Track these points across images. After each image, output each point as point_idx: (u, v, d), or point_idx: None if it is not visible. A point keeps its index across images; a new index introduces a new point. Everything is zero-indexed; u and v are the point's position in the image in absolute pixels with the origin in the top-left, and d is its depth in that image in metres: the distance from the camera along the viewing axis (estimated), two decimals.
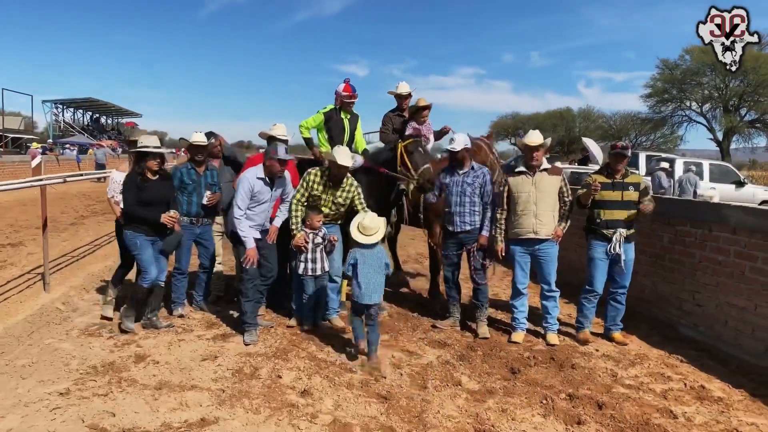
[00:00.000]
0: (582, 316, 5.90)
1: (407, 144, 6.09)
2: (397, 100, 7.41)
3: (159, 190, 5.61)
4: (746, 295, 5.38)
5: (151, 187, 5.55)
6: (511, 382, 4.76)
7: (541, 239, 5.70)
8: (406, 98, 7.33)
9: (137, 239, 5.54)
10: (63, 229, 12.58)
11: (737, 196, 16.54)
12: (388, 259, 5.35)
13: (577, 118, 61.86)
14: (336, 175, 5.68)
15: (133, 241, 5.56)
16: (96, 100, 59.83)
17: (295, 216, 5.71)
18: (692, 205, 6.34)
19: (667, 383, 4.83)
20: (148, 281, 5.57)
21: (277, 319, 6.24)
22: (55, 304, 6.50)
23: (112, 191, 5.89)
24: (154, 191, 5.56)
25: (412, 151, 6.04)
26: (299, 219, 5.73)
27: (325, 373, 4.78)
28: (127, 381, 4.48)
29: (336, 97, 6.86)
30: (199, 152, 6.13)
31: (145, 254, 5.57)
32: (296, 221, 5.71)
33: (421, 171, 5.92)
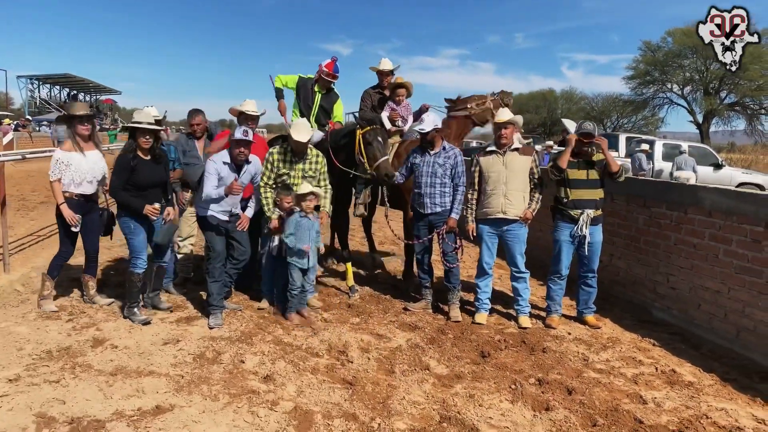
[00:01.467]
0: (549, 299, 5.83)
1: (365, 132, 5.89)
2: (378, 76, 7.22)
3: (152, 172, 5.29)
4: (720, 279, 5.32)
5: (142, 168, 5.22)
6: (480, 366, 4.66)
7: (510, 219, 5.59)
8: (388, 75, 7.13)
9: (131, 222, 5.26)
10: (32, 208, 12.27)
11: (715, 179, 16.63)
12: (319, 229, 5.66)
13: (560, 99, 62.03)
14: (296, 149, 5.56)
15: (126, 224, 5.28)
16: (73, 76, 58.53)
17: (265, 199, 5.57)
18: (668, 187, 6.26)
19: (638, 367, 4.77)
20: (140, 267, 5.34)
21: (246, 302, 6.08)
22: (14, 286, 6.27)
23: (54, 173, 5.35)
24: (147, 173, 5.24)
25: (370, 141, 5.85)
26: (270, 201, 5.58)
27: (290, 358, 4.64)
28: (81, 366, 4.30)
29: (318, 70, 6.73)
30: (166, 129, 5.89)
31: (136, 239, 5.30)
32: (267, 204, 5.57)
33: (377, 165, 5.78)
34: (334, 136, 6.37)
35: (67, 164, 5.34)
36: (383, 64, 7.11)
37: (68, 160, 5.34)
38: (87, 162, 5.44)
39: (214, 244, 5.50)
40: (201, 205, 5.48)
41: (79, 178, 5.39)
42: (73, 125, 5.46)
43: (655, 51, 45.77)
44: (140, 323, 5.22)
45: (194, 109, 6.32)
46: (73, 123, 5.47)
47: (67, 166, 5.34)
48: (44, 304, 5.52)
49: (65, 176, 5.34)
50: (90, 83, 63.32)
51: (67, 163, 5.33)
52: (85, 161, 5.42)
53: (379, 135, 5.91)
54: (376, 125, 5.98)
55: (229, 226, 5.52)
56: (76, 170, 5.37)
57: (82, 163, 5.40)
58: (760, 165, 27.83)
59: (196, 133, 6.27)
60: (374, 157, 5.81)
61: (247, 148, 5.39)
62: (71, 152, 5.39)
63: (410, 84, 7.04)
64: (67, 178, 5.34)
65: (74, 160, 5.36)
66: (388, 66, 7.11)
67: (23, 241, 8.67)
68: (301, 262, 5.55)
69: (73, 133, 5.45)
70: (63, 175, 5.34)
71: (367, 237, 8.21)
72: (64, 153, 5.38)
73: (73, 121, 5.46)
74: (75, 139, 5.44)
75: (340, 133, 6.33)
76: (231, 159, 5.37)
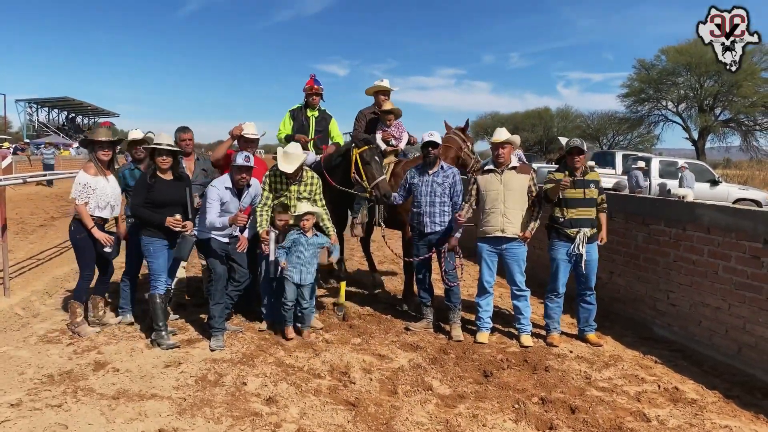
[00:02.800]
0: (547, 317, 5.84)
1: (362, 152, 5.93)
2: (375, 97, 7.31)
3: (171, 190, 5.32)
4: (720, 295, 5.34)
5: (161, 187, 5.27)
6: (483, 386, 4.65)
7: (509, 238, 5.61)
8: (384, 95, 7.23)
9: (151, 245, 5.30)
10: (31, 231, 12.27)
11: (712, 195, 16.71)
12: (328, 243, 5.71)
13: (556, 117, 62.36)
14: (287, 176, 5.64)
15: (147, 247, 5.33)
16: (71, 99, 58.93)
17: (260, 216, 5.59)
18: (666, 204, 6.30)
19: (641, 385, 4.76)
20: (163, 288, 5.36)
21: (246, 323, 6.07)
22: (14, 310, 6.26)
23: (82, 197, 5.40)
24: (165, 192, 5.28)
25: (368, 161, 5.89)
26: (264, 218, 5.61)
27: (292, 380, 4.62)
28: (83, 390, 4.28)
29: (304, 94, 6.86)
30: (136, 149, 5.97)
31: (157, 261, 5.32)
32: (260, 220, 5.60)
33: (375, 184, 5.83)
34: (329, 157, 6.42)
35: (94, 188, 5.39)
36: (381, 83, 7.21)
37: (95, 185, 5.40)
38: (110, 186, 5.52)
39: (215, 267, 5.52)
40: (202, 229, 5.51)
41: (103, 202, 5.44)
42: (94, 150, 5.51)
43: (649, 69, 46.16)
44: (168, 348, 5.21)
45: (182, 126, 6.30)
46: (94, 148, 5.52)
47: (94, 191, 5.39)
48: (81, 330, 5.48)
49: (91, 200, 5.39)
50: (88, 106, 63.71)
51: (94, 188, 5.39)
52: (108, 186, 5.50)
53: (376, 154, 5.97)
54: (372, 144, 6.03)
55: (229, 248, 5.55)
56: (101, 194, 5.43)
57: (107, 188, 5.47)
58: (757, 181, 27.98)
59: (186, 149, 6.17)
60: (372, 177, 5.86)
61: (249, 174, 5.46)
62: (97, 177, 5.44)
63: (398, 109, 7.19)
64: (93, 203, 5.39)
65: (100, 185, 5.42)
66: (386, 85, 7.24)
67: (23, 265, 8.66)
68: (293, 277, 5.57)
69: (95, 158, 5.50)
70: (89, 200, 5.38)
71: (367, 257, 8.21)
72: (92, 177, 5.42)
73: (94, 146, 5.52)
74: (97, 163, 5.49)
75: (335, 154, 6.37)
76: (232, 183, 5.42)
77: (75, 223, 5.45)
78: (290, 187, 5.70)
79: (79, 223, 5.39)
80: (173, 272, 5.72)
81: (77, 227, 5.42)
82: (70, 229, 5.51)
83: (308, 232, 5.61)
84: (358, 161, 5.92)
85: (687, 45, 42.46)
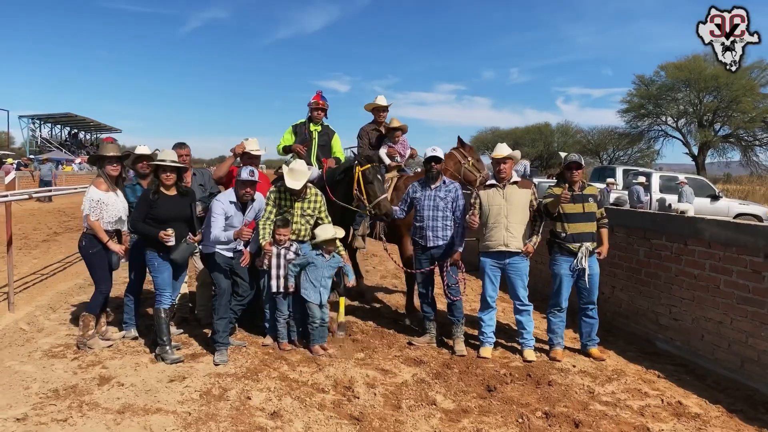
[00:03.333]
0: (551, 332, 5.85)
1: (365, 170, 5.99)
2: (374, 113, 7.41)
3: (174, 206, 5.36)
4: (722, 309, 5.36)
5: (164, 203, 5.30)
6: (487, 401, 4.66)
7: (512, 252, 5.65)
8: (383, 111, 7.34)
9: (155, 260, 5.35)
10: (34, 246, 12.29)
11: (713, 210, 16.75)
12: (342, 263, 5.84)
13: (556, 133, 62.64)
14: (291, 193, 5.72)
15: (151, 262, 5.38)
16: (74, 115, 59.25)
17: (263, 229, 5.66)
18: (667, 219, 6.34)
19: (644, 399, 4.77)
20: (167, 303, 5.39)
21: (250, 338, 6.09)
22: (19, 325, 6.27)
23: (95, 213, 5.44)
24: (168, 208, 5.30)
25: (370, 180, 5.95)
26: (267, 232, 5.68)
27: (296, 394, 4.64)
28: (88, 405, 4.30)
29: (308, 108, 6.96)
30: (142, 164, 5.96)
31: (161, 276, 5.36)
32: (263, 233, 5.67)
33: (376, 203, 5.89)
34: (331, 173, 6.49)
35: (106, 204, 5.45)
36: (378, 101, 7.33)
37: (106, 200, 5.46)
38: (119, 201, 5.59)
39: (219, 281, 5.56)
40: (206, 243, 5.56)
41: (113, 217, 5.51)
42: (103, 165, 5.58)
43: (649, 85, 46.43)
44: (172, 362, 5.23)
45: (179, 142, 6.33)
46: (103, 163, 5.59)
47: (106, 206, 5.45)
48: (93, 343, 5.50)
49: (104, 216, 5.45)
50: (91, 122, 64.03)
51: (105, 203, 5.45)
52: (117, 200, 5.57)
53: (378, 173, 6.04)
54: (375, 163, 6.09)
55: (233, 263, 5.59)
56: (112, 210, 5.49)
57: (117, 203, 5.55)
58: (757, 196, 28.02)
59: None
60: (374, 195, 5.92)
61: (253, 188, 5.54)
62: (108, 192, 5.51)
63: (405, 126, 7.42)
64: (105, 218, 5.45)
65: (110, 200, 5.50)
66: (384, 102, 7.34)
67: (26, 280, 8.68)
68: (313, 297, 5.67)
69: (105, 174, 5.56)
70: (103, 215, 5.44)
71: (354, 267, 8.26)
72: (103, 193, 5.49)
73: (103, 162, 5.58)
74: (107, 179, 5.55)
75: (337, 170, 6.43)
76: (237, 198, 5.48)
77: (87, 237, 5.49)
78: (294, 204, 5.75)
79: (92, 238, 5.44)
80: (177, 287, 5.73)
81: (89, 242, 5.46)
82: (80, 244, 5.54)
83: (326, 254, 5.71)
84: (360, 179, 5.98)
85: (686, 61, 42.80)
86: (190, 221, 5.50)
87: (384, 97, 7.39)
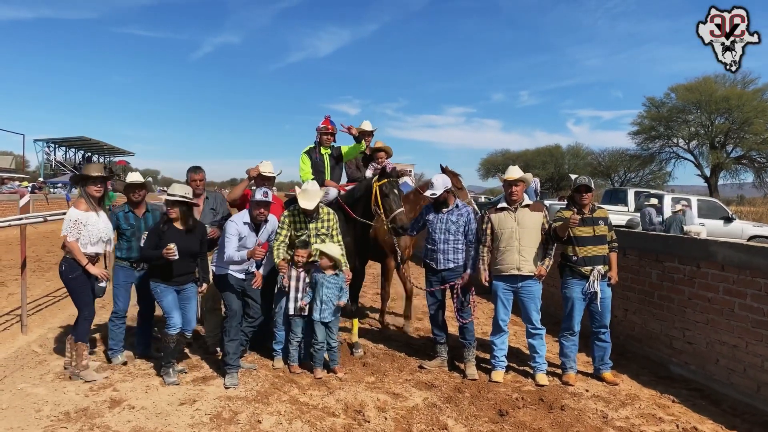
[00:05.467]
0: (564, 356, 5.80)
1: (382, 184, 6.07)
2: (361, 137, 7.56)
3: (182, 240, 5.27)
4: (737, 333, 5.30)
5: (172, 236, 5.25)
6: (498, 425, 4.61)
7: (525, 276, 5.63)
8: (369, 136, 7.48)
9: (157, 287, 5.38)
10: (48, 269, 12.39)
11: (726, 232, 16.59)
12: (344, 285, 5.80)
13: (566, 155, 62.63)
14: (305, 213, 5.77)
15: (154, 289, 5.41)
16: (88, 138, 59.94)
17: (277, 249, 5.67)
18: (680, 241, 6.30)
19: (659, 425, 4.70)
20: (174, 327, 5.35)
21: (260, 360, 6.08)
22: (31, 347, 6.32)
23: (73, 233, 5.32)
24: (175, 241, 5.19)
25: (387, 194, 6.02)
26: (281, 251, 5.70)
27: (306, 418, 4.62)
28: (100, 428, 4.31)
29: (316, 133, 7.04)
30: (135, 192, 5.89)
31: (166, 299, 5.36)
32: (277, 252, 5.68)
33: (393, 216, 5.92)
34: (351, 191, 6.56)
35: (85, 224, 5.35)
36: (365, 125, 7.50)
37: (86, 220, 5.36)
38: (101, 222, 5.49)
39: (231, 303, 5.58)
40: (219, 265, 5.60)
41: (95, 237, 5.40)
42: (87, 186, 5.49)
43: (659, 107, 46.40)
44: (170, 384, 5.24)
45: (194, 166, 6.36)
46: (86, 183, 5.50)
47: (85, 226, 5.35)
48: (87, 375, 5.35)
49: (82, 236, 5.33)
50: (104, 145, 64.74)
51: (85, 223, 5.35)
52: (99, 221, 5.46)
53: (395, 187, 6.08)
54: (392, 178, 6.14)
55: (245, 284, 5.62)
56: (93, 230, 5.38)
57: (98, 223, 5.43)
58: None
59: (196, 189, 6.17)
60: (390, 209, 5.96)
61: (267, 209, 5.58)
62: (89, 212, 5.41)
63: (389, 148, 7.60)
64: (84, 238, 5.34)
65: (91, 220, 5.38)
66: (369, 127, 7.51)
67: (40, 302, 8.75)
68: (319, 315, 5.68)
69: (86, 194, 5.47)
70: (80, 235, 5.32)
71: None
72: (83, 213, 5.38)
73: (87, 182, 5.50)
74: (89, 199, 5.47)
75: (357, 188, 6.48)
76: (250, 219, 5.53)
77: (67, 262, 5.36)
78: (309, 225, 5.80)
79: (72, 262, 5.32)
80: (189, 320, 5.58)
81: (69, 266, 5.34)
82: (60, 269, 5.40)
83: (327, 270, 5.70)
84: (377, 194, 6.03)
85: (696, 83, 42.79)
86: (195, 257, 5.50)
87: (369, 122, 7.58)
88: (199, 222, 5.69)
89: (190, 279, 5.50)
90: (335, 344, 5.83)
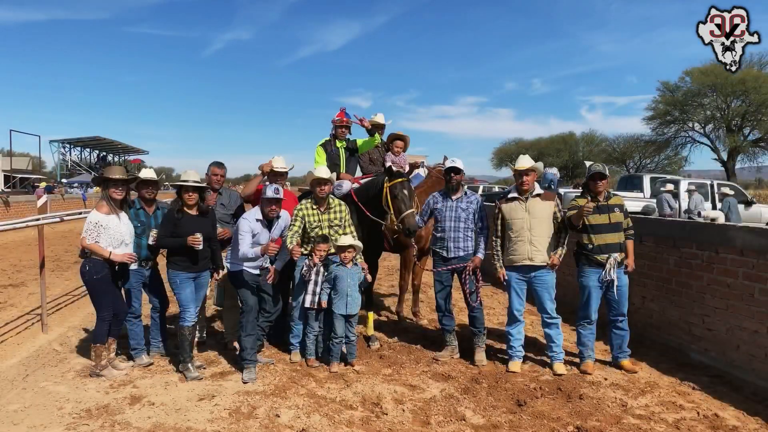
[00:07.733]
0: (581, 345, 5.76)
1: (392, 185, 6.07)
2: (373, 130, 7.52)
3: (197, 225, 5.43)
4: (757, 318, 5.22)
5: (187, 222, 5.42)
6: (517, 415, 4.60)
7: (537, 266, 5.60)
8: (380, 129, 7.44)
9: (177, 277, 5.44)
10: (66, 268, 12.54)
11: (745, 216, 16.37)
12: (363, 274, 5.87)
13: (581, 142, 62.07)
14: (318, 196, 5.81)
15: (173, 280, 5.47)
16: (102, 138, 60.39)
17: (290, 239, 5.67)
18: (697, 227, 6.22)
19: (679, 412, 4.66)
20: (190, 320, 5.46)
21: (277, 354, 6.11)
22: (52, 345, 6.40)
23: (92, 236, 5.29)
24: (191, 227, 5.37)
25: (396, 194, 6.02)
26: (295, 238, 5.70)
27: (324, 411, 4.63)
28: (120, 424, 4.35)
29: (332, 126, 7.09)
30: (147, 189, 5.86)
31: (183, 293, 5.45)
32: (290, 240, 5.67)
33: (402, 218, 5.93)
34: (365, 189, 6.55)
35: (106, 227, 5.33)
36: (378, 118, 7.49)
37: (107, 223, 5.34)
38: (123, 224, 5.47)
39: (246, 298, 5.61)
40: (233, 261, 5.63)
41: (116, 240, 5.37)
42: (108, 188, 5.47)
43: (674, 91, 45.75)
44: (191, 379, 5.30)
45: (217, 161, 6.40)
46: (107, 186, 5.48)
47: (105, 229, 5.32)
48: (107, 373, 5.39)
49: (102, 239, 5.30)
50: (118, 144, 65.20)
51: (106, 226, 5.33)
52: (121, 224, 5.44)
53: (405, 188, 6.05)
54: (403, 178, 6.11)
55: (259, 280, 5.64)
56: (114, 233, 5.36)
57: (120, 226, 5.41)
58: None
59: (213, 184, 6.23)
60: (399, 210, 5.96)
61: (278, 206, 5.59)
62: (110, 215, 5.39)
63: (407, 137, 7.51)
64: (105, 241, 5.31)
65: (112, 223, 5.36)
66: (382, 120, 7.51)
67: (59, 301, 8.86)
68: (340, 308, 5.73)
69: (108, 196, 5.45)
70: (100, 238, 5.30)
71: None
72: (104, 216, 5.36)
73: (108, 184, 5.47)
74: (110, 201, 5.45)
75: (372, 186, 6.45)
76: (263, 215, 5.54)
77: (90, 262, 5.34)
78: (322, 217, 5.81)
79: (97, 262, 5.31)
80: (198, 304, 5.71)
81: (93, 267, 5.31)
82: (83, 269, 5.37)
83: (348, 264, 5.72)
84: (387, 195, 6.02)
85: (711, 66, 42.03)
86: (210, 240, 5.57)
87: (383, 115, 7.57)
88: (209, 206, 5.78)
89: (207, 265, 5.65)
90: (354, 337, 5.85)
